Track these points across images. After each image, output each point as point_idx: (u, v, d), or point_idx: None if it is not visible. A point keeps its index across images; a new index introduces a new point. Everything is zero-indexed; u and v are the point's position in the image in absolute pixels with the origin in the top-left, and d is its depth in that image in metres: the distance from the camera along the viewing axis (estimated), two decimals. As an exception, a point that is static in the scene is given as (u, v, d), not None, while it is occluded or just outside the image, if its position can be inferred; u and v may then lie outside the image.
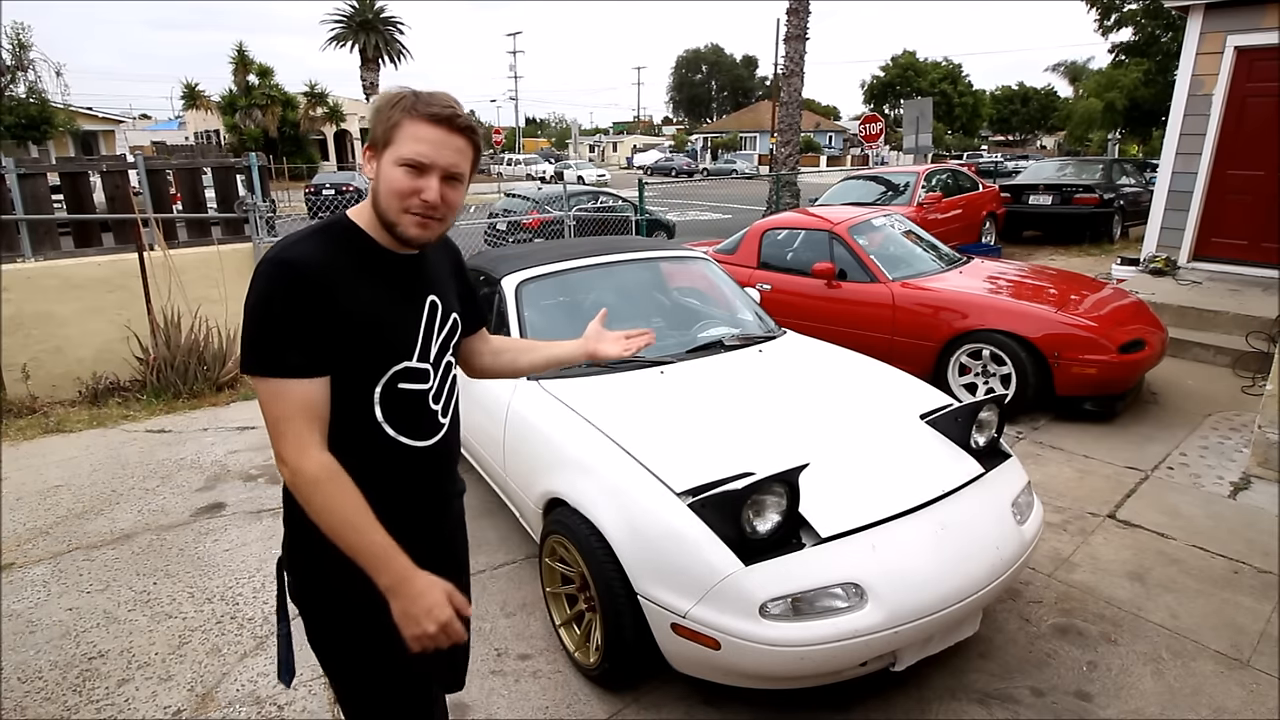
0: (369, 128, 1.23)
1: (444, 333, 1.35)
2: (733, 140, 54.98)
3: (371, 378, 1.23)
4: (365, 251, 1.24)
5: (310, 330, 1.14)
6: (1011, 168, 18.67)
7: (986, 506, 2.27)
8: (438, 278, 1.37)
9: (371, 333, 1.21)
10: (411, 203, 1.18)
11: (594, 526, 2.15)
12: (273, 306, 1.13)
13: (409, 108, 1.17)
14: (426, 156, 1.17)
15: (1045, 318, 4.32)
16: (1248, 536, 3.13)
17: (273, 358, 1.13)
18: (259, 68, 31.18)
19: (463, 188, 1.24)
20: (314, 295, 1.14)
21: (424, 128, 1.16)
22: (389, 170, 1.18)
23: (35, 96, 21.07)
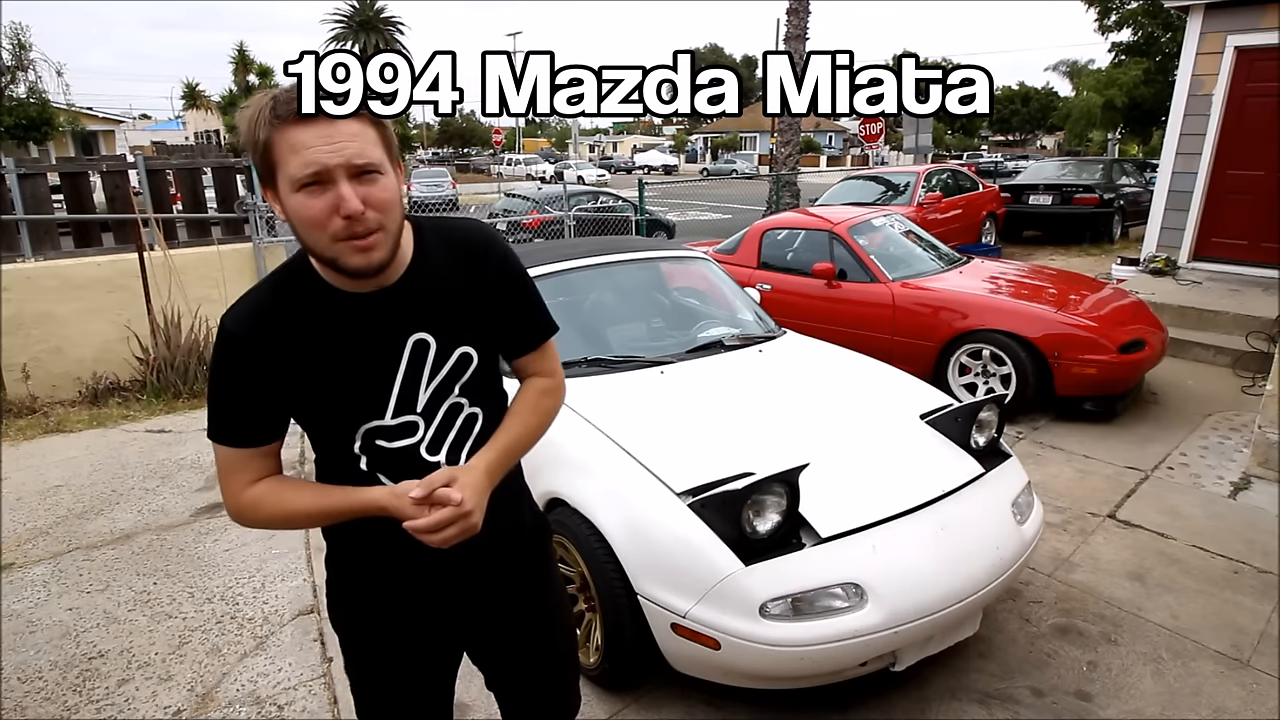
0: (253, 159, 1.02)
1: (443, 373, 1.13)
2: (733, 140, 54.98)
3: (342, 435, 1.12)
4: (318, 299, 1.06)
5: (246, 399, 1.08)
6: (1011, 168, 18.69)
7: (986, 506, 2.27)
8: (435, 305, 1.12)
9: (324, 395, 1.08)
10: (334, 226, 0.96)
11: (594, 527, 2.15)
12: (213, 377, 1.10)
13: (270, 117, 0.95)
14: (318, 163, 0.94)
15: (1045, 318, 4.32)
16: (1248, 536, 3.13)
17: (211, 425, 1.12)
18: (259, 68, 31.22)
19: (386, 179, 1.00)
20: (245, 360, 1.06)
21: (298, 131, 0.94)
22: (291, 201, 0.97)
23: (36, 97, 21.08)
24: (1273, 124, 6.55)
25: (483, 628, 1.30)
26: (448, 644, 1.32)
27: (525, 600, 1.32)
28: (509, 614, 1.30)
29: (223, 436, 1.11)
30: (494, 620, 1.30)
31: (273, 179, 0.99)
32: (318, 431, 1.15)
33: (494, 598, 1.28)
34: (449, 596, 1.25)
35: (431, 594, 1.23)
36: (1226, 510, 3.37)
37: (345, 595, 1.28)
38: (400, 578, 1.22)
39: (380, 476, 1.14)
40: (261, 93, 1.01)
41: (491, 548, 1.21)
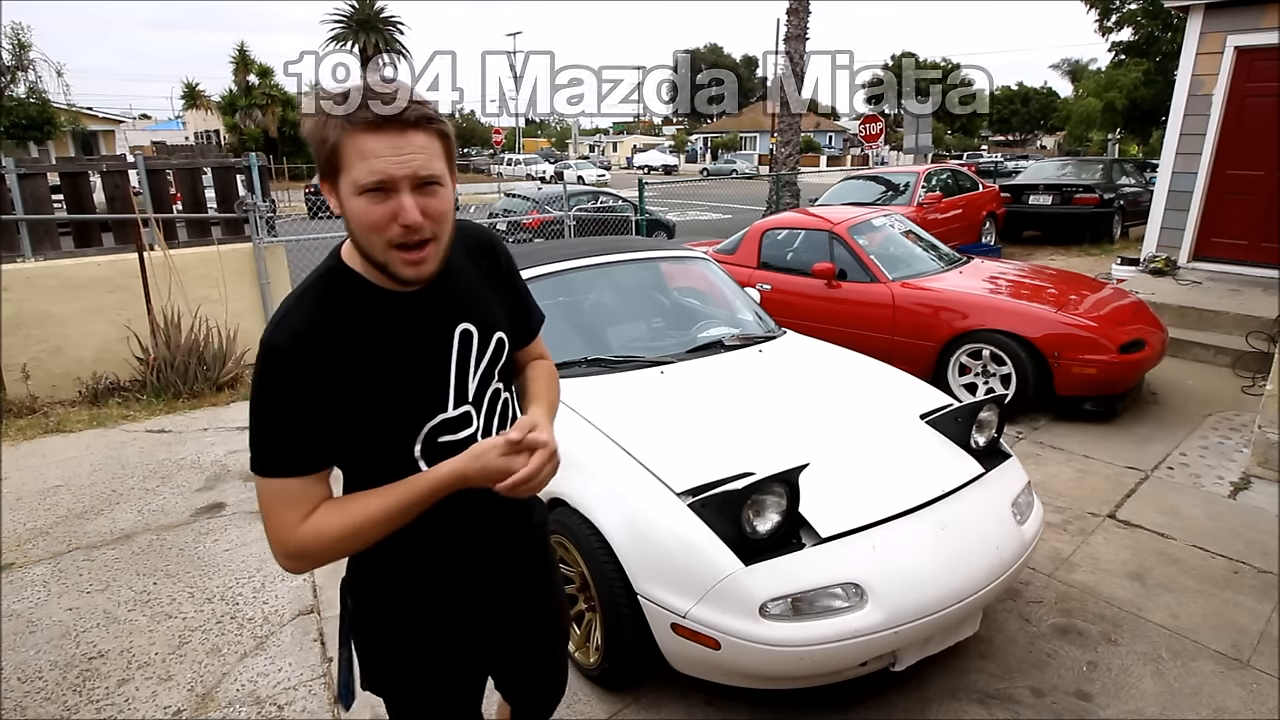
0: (315, 153, 1.00)
1: (485, 360, 1.16)
2: (733, 140, 54.98)
3: (405, 440, 1.10)
4: (365, 301, 1.06)
5: (304, 421, 1.02)
6: (1011, 168, 18.66)
7: (986, 506, 2.27)
8: (470, 297, 1.17)
9: (387, 400, 1.06)
10: (391, 233, 0.98)
11: (594, 526, 2.15)
12: (260, 403, 1.03)
13: (342, 121, 0.94)
14: (385, 173, 0.95)
15: (1045, 318, 4.32)
16: (1248, 536, 3.13)
17: (261, 458, 1.04)
18: (259, 68, 31.21)
19: (445, 190, 1.01)
20: (299, 385, 1.01)
21: (369, 139, 0.94)
22: (351, 204, 0.98)
23: (36, 96, 21.09)
24: (1273, 124, 6.55)
25: (503, 616, 1.32)
26: (479, 642, 1.31)
27: (537, 586, 1.37)
28: (523, 601, 1.34)
29: (280, 467, 1.03)
30: (511, 607, 1.32)
31: (334, 177, 0.99)
32: (376, 442, 1.10)
33: (512, 584, 1.31)
34: (477, 589, 1.26)
35: (463, 588, 1.24)
36: (1226, 510, 3.37)
37: (379, 608, 1.26)
38: (434, 575, 1.21)
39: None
40: (331, 90, 1.00)
41: (513, 534, 1.28)
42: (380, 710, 2.27)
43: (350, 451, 1.11)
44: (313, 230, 12.21)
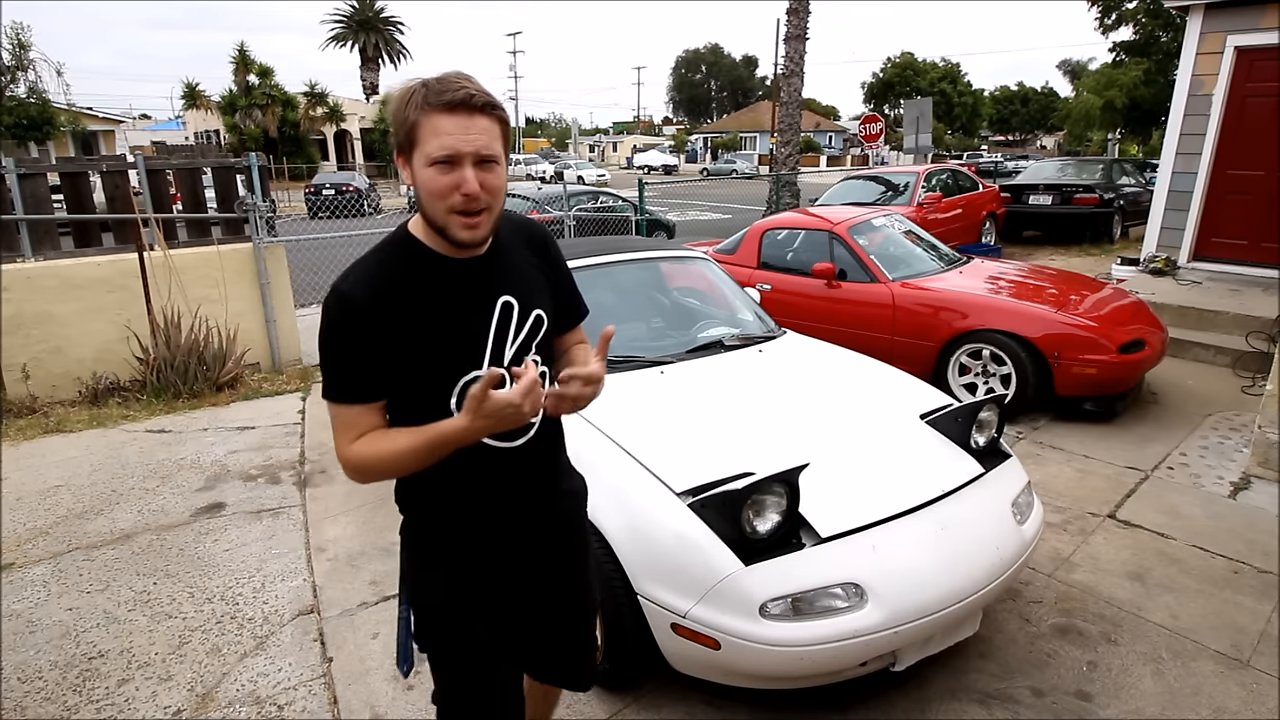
0: (391, 132, 1.19)
1: (524, 332, 1.30)
2: (733, 140, 54.99)
3: (443, 389, 1.24)
4: (423, 264, 1.23)
5: (363, 360, 1.19)
6: (1011, 168, 18.67)
7: (986, 506, 2.27)
8: (515, 275, 1.32)
9: (431, 349, 1.21)
10: (453, 200, 1.15)
11: (594, 526, 2.14)
12: (328, 340, 1.20)
13: (421, 102, 1.12)
14: (453, 148, 1.12)
15: (1045, 318, 4.32)
16: (1248, 536, 3.13)
17: (328, 386, 1.23)
18: (259, 68, 31.17)
19: (500, 169, 1.18)
20: (363, 328, 1.18)
21: (442, 119, 1.12)
22: (422, 174, 1.15)
23: (36, 96, 21.08)
24: (1273, 124, 6.56)
25: (534, 580, 1.43)
26: (512, 603, 1.41)
27: (567, 555, 1.49)
28: (552, 568, 1.46)
29: (342, 395, 1.22)
30: (541, 572, 1.44)
31: (409, 151, 1.16)
32: (419, 388, 1.24)
33: (542, 550, 1.43)
34: (510, 551, 1.38)
35: (496, 548, 1.37)
36: (1226, 510, 3.37)
37: (422, 562, 1.39)
38: (471, 533, 1.35)
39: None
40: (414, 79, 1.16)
41: (543, 501, 1.42)
42: (381, 710, 2.28)
43: (395, 393, 1.25)
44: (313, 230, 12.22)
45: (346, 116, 34.32)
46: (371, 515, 3.47)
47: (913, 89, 45.18)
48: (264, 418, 4.77)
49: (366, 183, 21.89)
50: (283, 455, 4.20)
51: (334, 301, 1.19)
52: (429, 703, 1.52)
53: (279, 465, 4.07)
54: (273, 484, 3.84)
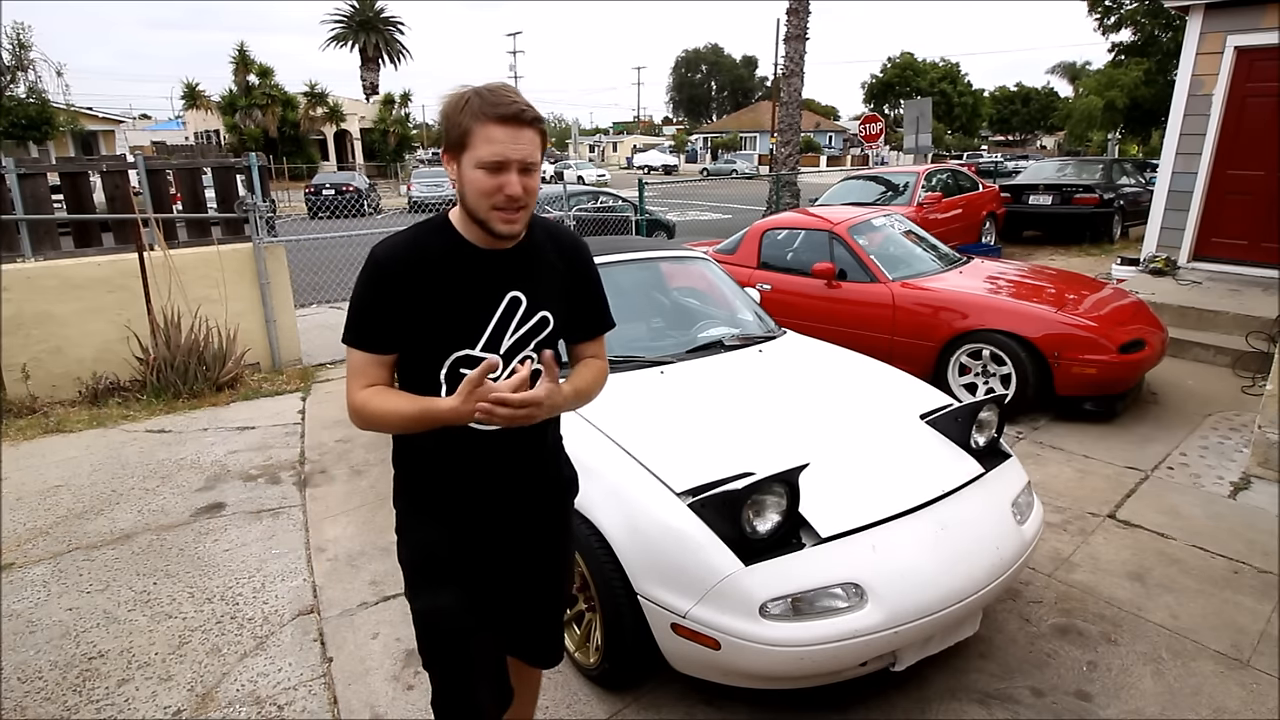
0: (441, 132, 1.32)
1: (525, 328, 1.41)
2: (733, 140, 54.99)
3: (436, 360, 1.37)
4: (451, 247, 1.36)
5: (380, 316, 1.34)
6: (1011, 168, 18.67)
7: (986, 506, 2.27)
8: (533, 274, 1.42)
9: (435, 320, 1.34)
10: (497, 199, 1.29)
11: (594, 526, 2.15)
12: (358, 292, 1.36)
13: (477, 112, 1.25)
14: (502, 155, 1.25)
15: (1045, 318, 4.32)
16: (1248, 536, 3.13)
17: (349, 331, 1.37)
18: (259, 68, 31.15)
19: (537, 173, 1.33)
20: (387, 287, 1.33)
21: (495, 129, 1.25)
22: (470, 174, 1.28)
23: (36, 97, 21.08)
24: (1273, 124, 6.55)
25: (515, 556, 1.55)
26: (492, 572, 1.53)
27: (551, 540, 1.61)
28: (535, 550, 1.57)
29: (358, 342, 1.37)
30: (523, 551, 1.55)
31: (458, 152, 1.29)
32: (416, 355, 1.38)
33: (527, 528, 1.55)
34: (497, 520, 1.50)
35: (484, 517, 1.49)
36: (1226, 510, 3.37)
37: (415, 521, 1.51)
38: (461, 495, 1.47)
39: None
40: (464, 87, 1.29)
41: (537, 482, 1.54)
42: (381, 710, 2.28)
43: (407, 353, 1.39)
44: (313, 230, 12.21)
45: (346, 116, 34.31)
46: (371, 515, 3.47)
47: (913, 89, 45.16)
48: (264, 418, 4.77)
49: (366, 183, 21.88)
50: (283, 455, 4.20)
51: (370, 262, 1.35)
52: (429, 702, 1.52)
53: (279, 465, 4.07)
54: (273, 484, 3.84)
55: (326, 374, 5.78)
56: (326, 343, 6.48)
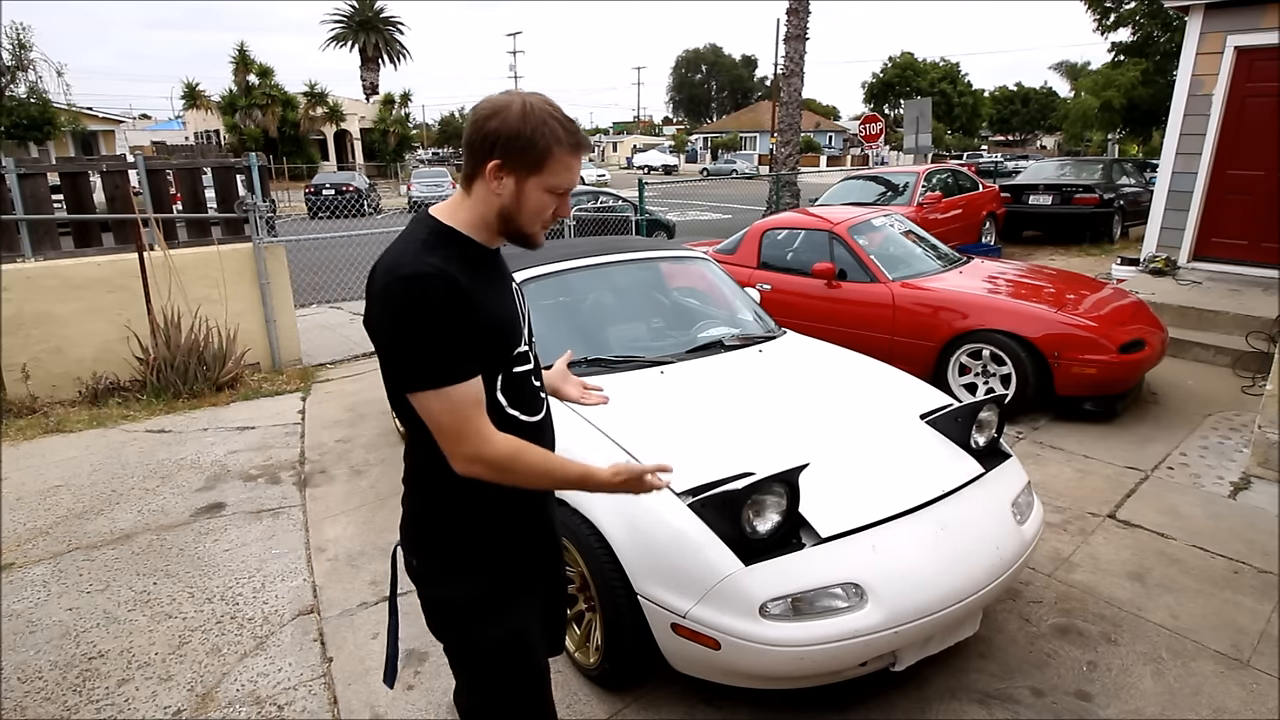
0: (501, 142, 1.20)
1: (530, 314, 1.46)
2: (733, 140, 54.98)
3: (498, 367, 1.31)
4: (473, 254, 1.29)
5: (468, 333, 1.20)
6: (1011, 168, 18.68)
7: (986, 506, 2.27)
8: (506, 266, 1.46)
9: (498, 332, 1.30)
10: (546, 216, 1.30)
11: (594, 526, 2.15)
12: (437, 317, 1.17)
13: (559, 139, 1.22)
14: (571, 184, 1.28)
15: (1045, 318, 4.32)
16: (1248, 536, 3.13)
17: (446, 366, 1.19)
18: (259, 68, 31.17)
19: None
20: (465, 303, 1.19)
21: (574, 159, 1.26)
22: (535, 194, 1.25)
23: (36, 97, 21.09)
24: (1273, 124, 6.55)
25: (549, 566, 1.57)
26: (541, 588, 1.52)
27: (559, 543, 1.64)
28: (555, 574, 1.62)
29: (458, 373, 1.19)
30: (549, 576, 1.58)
31: (525, 170, 1.23)
32: (484, 365, 1.28)
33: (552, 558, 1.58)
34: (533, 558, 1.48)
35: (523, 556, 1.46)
36: (1226, 510, 3.37)
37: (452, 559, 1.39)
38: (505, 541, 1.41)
39: (508, 408, 1.33)
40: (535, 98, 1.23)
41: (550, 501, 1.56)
42: (381, 710, 2.28)
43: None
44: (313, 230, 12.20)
45: (346, 116, 34.33)
46: (371, 515, 3.47)
47: (913, 89, 45.16)
48: (264, 418, 4.77)
49: (366, 183, 21.90)
50: (283, 455, 4.20)
51: (426, 282, 1.16)
52: (429, 702, 1.52)
53: (279, 465, 4.07)
54: (273, 484, 3.84)
55: (326, 374, 5.79)
56: (326, 343, 6.48)
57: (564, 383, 1.70)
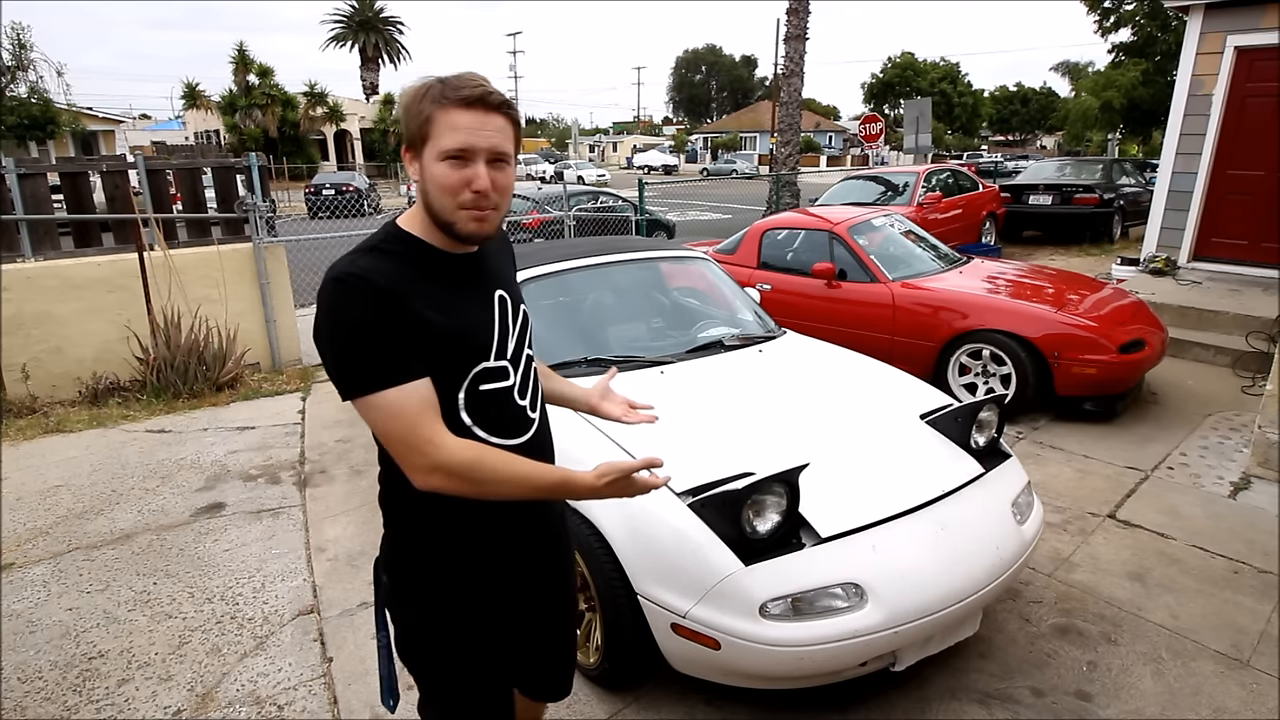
0: (402, 127, 1.16)
1: (519, 326, 1.30)
2: (733, 140, 54.98)
3: (453, 383, 1.19)
4: (426, 258, 1.19)
5: (400, 335, 1.11)
6: (1011, 168, 18.67)
7: (986, 506, 2.27)
8: (501, 272, 1.32)
9: (449, 339, 1.17)
10: (463, 196, 1.13)
11: (594, 526, 2.15)
12: (359, 321, 1.09)
13: (438, 97, 1.11)
14: (468, 143, 1.11)
15: (1045, 318, 4.32)
16: (1248, 536, 3.13)
17: (377, 371, 1.10)
18: (259, 68, 31.18)
19: (510, 169, 1.17)
20: (392, 304, 1.10)
21: (458, 114, 1.10)
22: (433, 167, 1.12)
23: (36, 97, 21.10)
24: (1273, 124, 6.55)
25: (529, 610, 1.42)
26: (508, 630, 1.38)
27: (561, 592, 1.50)
28: (548, 601, 1.46)
29: (390, 375, 1.10)
30: (538, 603, 1.43)
31: (420, 146, 1.14)
32: (434, 378, 1.17)
33: (542, 582, 1.43)
34: (513, 580, 1.35)
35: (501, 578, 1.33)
36: (1226, 510, 3.37)
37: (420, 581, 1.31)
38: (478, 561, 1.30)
39: (475, 428, 1.22)
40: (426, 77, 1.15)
41: (549, 541, 1.43)
42: (380, 711, 2.28)
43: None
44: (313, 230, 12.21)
45: (346, 116, 34.34)
46: (372, 515, 3.47)
47: (913, 89, 45.17)
48: (264, 418, 4.77)
49: (366, 183, 21.89)
50: (283, 455, 4.20)
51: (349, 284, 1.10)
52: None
53: (279, 465, 4.07)
54: (273, 484, 3.84)
55: (326, 374, 5.79)
56: (326, 343, 6.46)
57: (604, 400, 1.55)
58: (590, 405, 1.55)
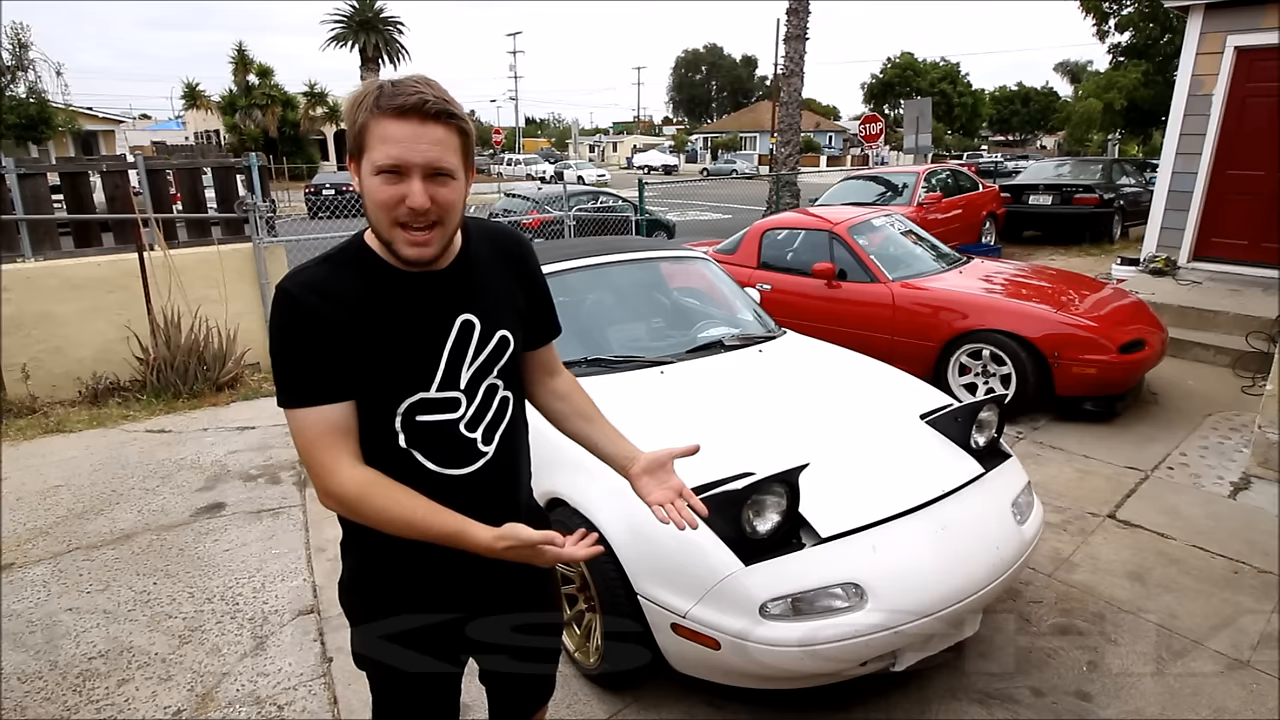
0: (348, 136, 1.10)
1: (484, 354, 1.20)
2: (733, 140, 54.99)
3: (386, 409, 1.15)
4: (376, 275, 1.13)
5: (318, 357, 1.09)
6: (1011, 168, 18.66)
7: (986, 506, 2.27)
8: (481, 291, 1.21)
9: (378, 365, 1.12)
10: (398, 213, 1.05)
11: (594, 526, 2.15)
12: (282, 337, 1.09)
13: (372, 105, 1.02)
14: (400, 158, 1.02)
15: (1045, 318, 4.32)
16: (1248, 536, 3.13)
17: (290, 388, 1.10)
18: (259, 68, 31.21)
19: (456, 183, 1.08)
20: (308, 323, 1.08)
21: (391, 125, 1.02)
22: (368, 182, 1.05)
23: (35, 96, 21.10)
24: (1273, 124, 6.55)
25: (489, 604, 1.34)
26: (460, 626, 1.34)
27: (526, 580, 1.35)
28: (512, 590, 1.35)
29: (302, 395, 1.09)
30: (499, 596, 1.34)
31: (359, 156, 1.07)
32: (362, 402, 1.15)
33: (510, 590, 1.34)
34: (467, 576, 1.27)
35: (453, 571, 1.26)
36: (1226, 510, 3.37)
37: (371, 578, 1.33)
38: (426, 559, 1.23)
39: (415, 453, 1.18)
40: (373, 78, 1.09)
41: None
42: (380, 710, 2.27)
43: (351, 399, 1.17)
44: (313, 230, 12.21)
45: (346, 117, 34.31)
46: (371, 515, 3.46)
47: (913, 89, 45.17)
48: (264, 418, 4.77)
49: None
50: (283, 455, 4.20)
51: (279, 300, 1.10)
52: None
53: (279, 465, 4.07)
54: (273, 484, 3.84)
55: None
56: (326, 343, 6.46)
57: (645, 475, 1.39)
58: (626, 473, 1.40)
